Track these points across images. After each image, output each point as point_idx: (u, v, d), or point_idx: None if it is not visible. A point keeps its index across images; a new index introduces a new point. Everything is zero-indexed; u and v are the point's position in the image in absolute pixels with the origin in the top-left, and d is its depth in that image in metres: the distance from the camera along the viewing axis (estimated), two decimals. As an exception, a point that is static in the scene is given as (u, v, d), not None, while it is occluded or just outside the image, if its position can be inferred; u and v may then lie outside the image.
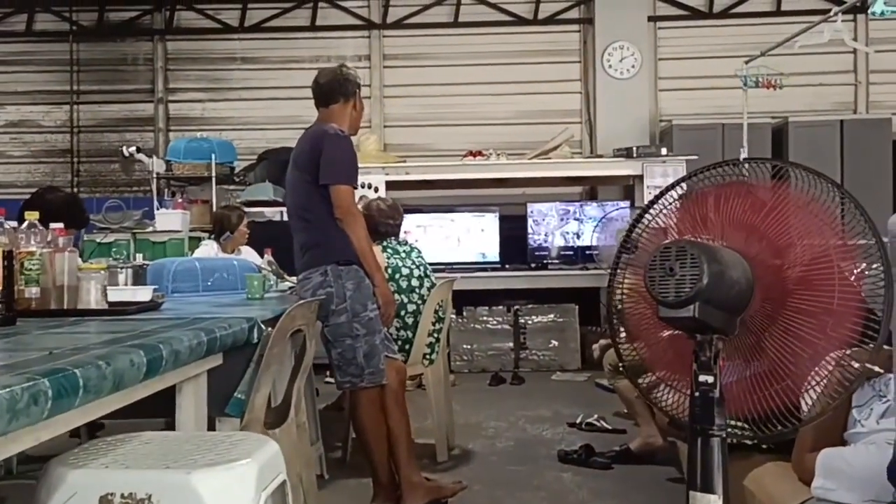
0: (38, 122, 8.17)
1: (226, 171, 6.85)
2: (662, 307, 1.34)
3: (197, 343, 1.88)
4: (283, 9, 7.88)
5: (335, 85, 3.20)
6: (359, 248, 3.04)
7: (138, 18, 8.06)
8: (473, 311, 6.61)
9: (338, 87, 3.20)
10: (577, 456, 3.87)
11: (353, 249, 3.06)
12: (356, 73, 3.33)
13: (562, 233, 6.79)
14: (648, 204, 1.52)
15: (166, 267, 3.59)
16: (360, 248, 3.04)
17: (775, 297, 1.37)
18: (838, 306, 1.32)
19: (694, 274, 1.29)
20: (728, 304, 1.34)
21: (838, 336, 1.32)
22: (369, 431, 3.10)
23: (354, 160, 3.11)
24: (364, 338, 3.04)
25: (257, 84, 7.89)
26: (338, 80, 3.21)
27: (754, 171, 1.49)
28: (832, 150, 6.92)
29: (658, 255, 1.34)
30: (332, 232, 3.03)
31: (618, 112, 7.44)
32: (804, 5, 7.59)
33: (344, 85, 3.21)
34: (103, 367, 1.39)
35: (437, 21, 7.80)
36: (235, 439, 1.54)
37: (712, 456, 1.36)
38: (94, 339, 1.76)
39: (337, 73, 3.23)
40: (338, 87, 3.20)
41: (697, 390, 1.36)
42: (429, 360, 3.94)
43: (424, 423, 4.17)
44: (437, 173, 6.75)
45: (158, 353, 1.63)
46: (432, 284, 4.01)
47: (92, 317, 2.37)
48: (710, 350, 1.35)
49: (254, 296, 3.24)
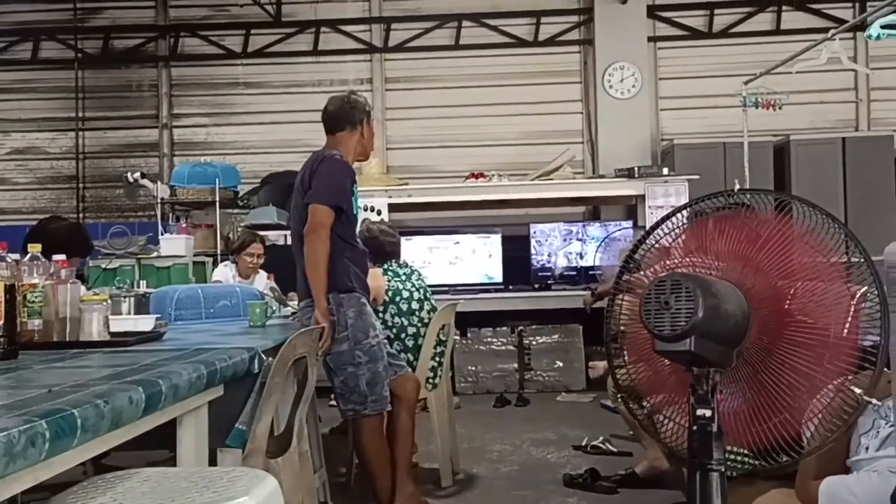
0: (43, 148, 8.24)
1: (230, 195, 6.87)
2: (658, 341, 1.34)
3: (197, 376, 1.88)
4: (285, 34, 7.95)
5: (342, 113, 3.22)
6: (309, 264, 2.99)
7: (143, 45, 8.14)
8: (478, 333, 6.60)
9: (344, 115, 3.22)
10: (582, 480, 3.85)
11: (354, 277, 3.07)
12: (365, 99, 3.34)
13: (565, 253, 6.79)
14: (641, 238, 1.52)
15: (169, 294, 3.60)
16: (309, 265, 2.99)
17: (772, 329, 1.37)
18: (835, 338, 1.31)
19: (689, 308, 1.30)
20: (724, 337, 1.34)
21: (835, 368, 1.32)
22: (372, 459, 3.09)
23: (342, 183, 3.06)
24: (367, 365, 3.04)
25: (260, 108, 7.95)
26: (344, 108, 3.23)
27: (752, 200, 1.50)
28: (834, 168, 6.92)
29: (653, 288, 1.34)
30: (333, 259, 3.03)
31: (619, 132, 7.47)
32: (804, 24, 7.63)
33: (351, 113, 3.23)
34: (101, 406, 1.40)
35: (439, 44, 7.86)
36: (233, 475, 1.53)
37: (711, 490, 1.35)
38: (95, 375, 1.77)
39: (344, 102, 3.25)
40: (344, 116, 3.22)
41: (695, 424, 1.36)
42: (432, 385, 3.94)
43: (429, 448, 4.15)
44: (439, 195, 6.77)
45: (157, 389, 1.64)
46: (433, 307, 4.02)
47: (94, 349, 2.38)
48: (708, 384, 1.35)
49: (256, 324, 3.24)
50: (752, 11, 7.76)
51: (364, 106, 3.26)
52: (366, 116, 3.25)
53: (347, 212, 3.08)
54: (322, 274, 3.00)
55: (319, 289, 3.00)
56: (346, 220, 3.09)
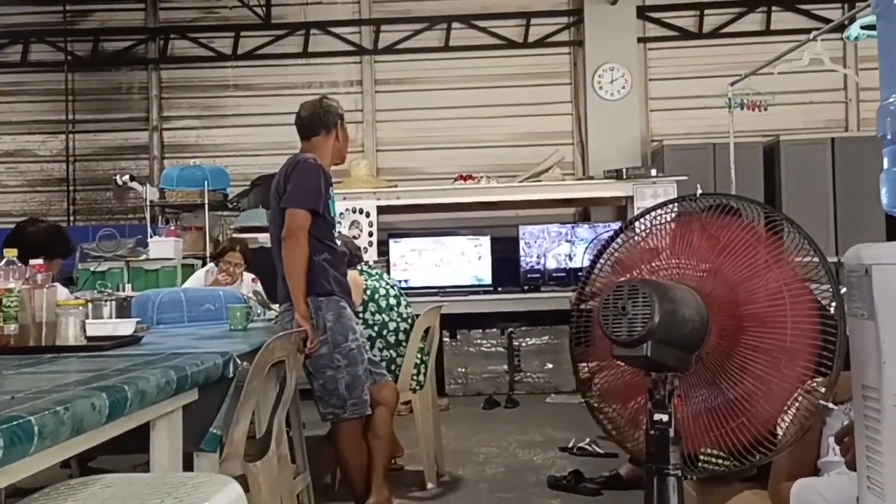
0: (33, 151, 8.23)
1: (219, 197, 6.88)
2: (616, 346, 1.34)
3: (166, 382, 1.88)
4: (275, 36, 7.95)
5: (315, 118, 3.23)
6: (288, 269, 3.01)
7: (132, 48, 8.14)
8: (467, 334, 6.60)
9: (318, 119, 3.23)
10: (566, 482, 3.85)
11: (333, 280, 3.07)
12: (337, 103, 3.34)
13: (554, 255, 6.80)
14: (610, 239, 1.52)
15: (151, 298, 3.60)
16: (288, 270, 3.01)
17: (730, 333, 1.37)
18: (791, 343, 1.32)
19: (646, 313, 1.30)
20: (682, 343, 1.34)
21: (792, 374, 1.32)
22: (351, 462, 3.10)
23: (318, 187, 3.06)
24: (346, 369, 3.05)
25: (251, 111, 7.95)
26: (318, 112, 3.23)
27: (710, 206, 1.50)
28: (824, 168, 6.94)
29: (611, 293, 1.34)
30: (311, 263, 3.03)
31: (609, 133, 7.47)
32: (793, 25, 7.64)
33: (324, 117, 3.23)
34: (61, 412, 1.40)
35: (428, 46, 7.87)
36: (197, 481, 1.53)
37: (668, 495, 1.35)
38: (62, 381, 1.76)
39: (317, 106, 3.25)
40: (318, 120, 3.22)
41: (653, 429, 1.36)
42: (416, 383, 3.95)
43: (415, 450, 4.16)
44: (427, 197, 6.76)
45: (123, 395, 1.64)
46: (407, 303, 4.10)
47: (69, 353, 2.38)
48: (665, 388, 1.35)
49: (237, 327, 3.24)
50: (742, 12, 7.77)
51: (337, 110, 3.26)
52: (340, 120, 3.25)
53: (324, 214, 3.09)
54: (301, 277, 3.01)
55: (299, 292, 3.01)
56: (323, 222, 3.10)
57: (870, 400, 1.38)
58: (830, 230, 6.84)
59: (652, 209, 1.57)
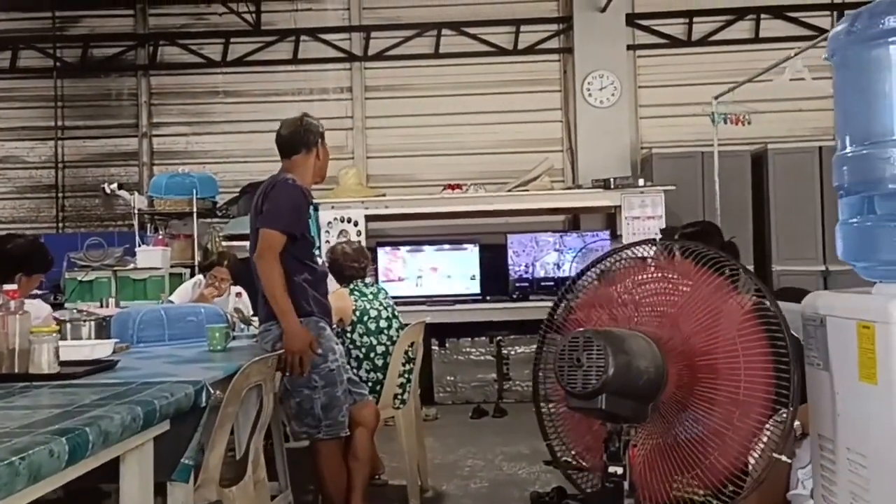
0: (22, 158, 8.20)
1: (208, 205, 6.86)
2: (571, 398, 1.34)
3: (132, 419, 1.87)
4: (264, 42, 7.93)
5: (296, 137, 3.23)
6: (267, 290, 3.00)
7: (122, 54, 8.11)
8: (456, 343, 6.61)
9: (299, 138, 3.22)
10: (549, 499, 3.85)
11: (313, 301, 3.07)
12: (318, 121, 3.34)
13: (542, 263, 6.80)
14: (566, 288, 1.52)
15: (132, 316, 3.60)
16: (268, 291, 3.00)
17: (686, 384, 1.37)
18: (745, 395, 1.32)
19: (600, 366, 1.30)
20: (637, 394, 1.34)
21: (745, 427, 1.32)
22: (329, 482, 3.10)
23: (295, 207, 3.06)
24: (323, 389, 3.04)
25: (240, 117, 7.92)
26: (299, 131, 3.23)
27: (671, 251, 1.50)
28: (811, 177, 6.93)
29: (567, 344, 1.34)
30: (290, 284, 3.02)
31: (598, 140, 7.47)
32: (783, 33, 7.64)
33: (305, 136, 3.23)
34: (17, 463, 1.39)
35: (418, 53, 7.85)
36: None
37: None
38: (28, 419, 1.76)
39: (298, 125, 3.24)
40: (299, 139, 3.22)
41: (608, 481, 1.36)
42: (400, 400, 3.94)
43: (400, 462, 4.15)
44: (416, 206, 6.76)
45: (84, 438, 1.63)
46: (401, 325, 4.03)
47: (42, 381, 2.37)
48: (620, 440, 1.35)
49: (216, 348, 3.24)
50: (732, 20, 7.77)
51: (318, 128, 3.26)
52: (320, 139, 3.25)
53: (304, 234, 3.09)
54: (282, 297, 2.99)
55: (285, 310, 2.99)
56: (303, 241, 3.10)
57: (825, 451, 1.38)
58: (818, 238, 6.84)
59: (613, 252, 1.57)
